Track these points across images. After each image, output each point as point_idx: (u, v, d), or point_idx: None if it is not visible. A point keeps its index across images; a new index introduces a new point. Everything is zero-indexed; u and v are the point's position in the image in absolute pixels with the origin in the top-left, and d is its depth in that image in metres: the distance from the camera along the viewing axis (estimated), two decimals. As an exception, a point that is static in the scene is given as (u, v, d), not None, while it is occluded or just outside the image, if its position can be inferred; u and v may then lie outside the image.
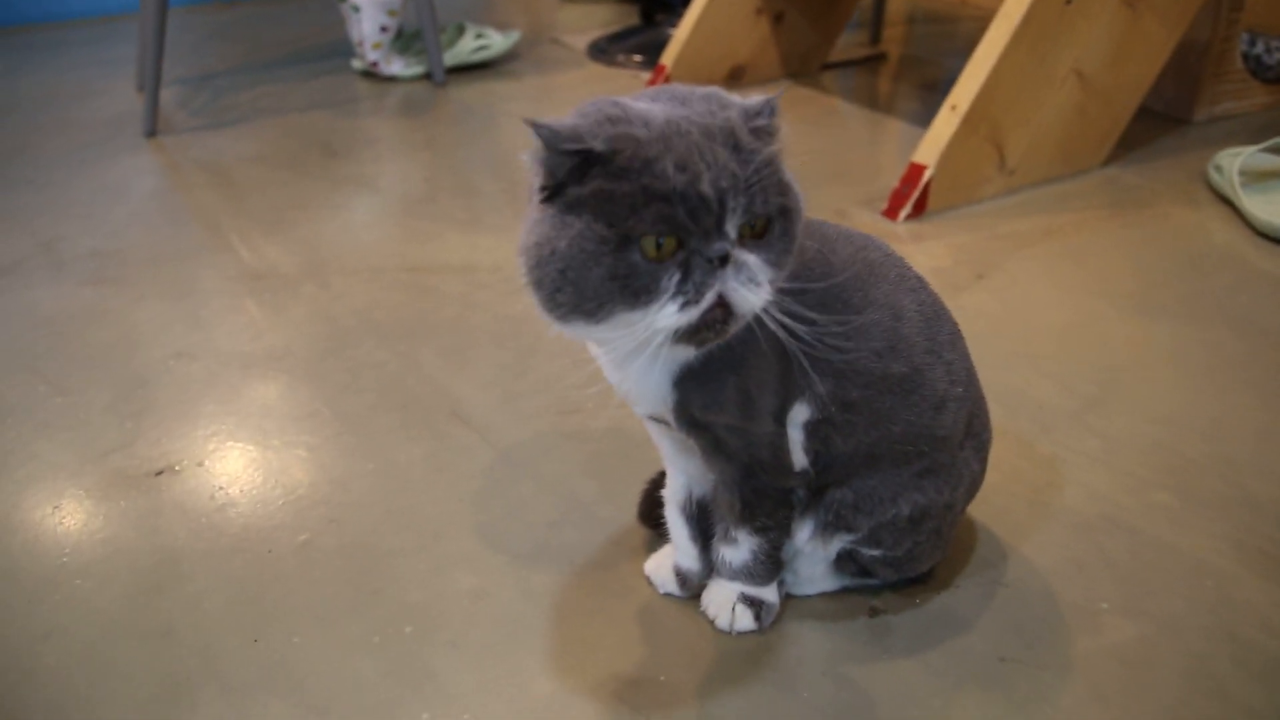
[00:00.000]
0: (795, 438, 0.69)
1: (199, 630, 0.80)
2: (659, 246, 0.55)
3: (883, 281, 0.70)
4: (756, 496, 0.71)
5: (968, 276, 1.32)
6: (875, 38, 2.50)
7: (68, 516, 0.93)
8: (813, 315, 0.63)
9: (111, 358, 1.19)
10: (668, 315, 0.56)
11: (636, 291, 0.56)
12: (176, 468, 0.99)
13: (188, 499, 0.95)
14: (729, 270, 0.56)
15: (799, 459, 0.70)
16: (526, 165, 0.59)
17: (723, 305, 0.57)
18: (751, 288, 0.57)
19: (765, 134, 0.59)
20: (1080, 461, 0.97)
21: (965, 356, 0.74)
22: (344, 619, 0.80)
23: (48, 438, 1.04)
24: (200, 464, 1.00)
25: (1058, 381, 1.09)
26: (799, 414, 0.68)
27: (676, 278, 0.56)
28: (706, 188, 0.55)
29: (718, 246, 0.56)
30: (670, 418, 0.68)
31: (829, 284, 0.66)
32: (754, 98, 0.61)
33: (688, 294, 0.56)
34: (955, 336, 0.74)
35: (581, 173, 0.56)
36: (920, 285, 0.73)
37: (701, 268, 0.56)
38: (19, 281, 1.39)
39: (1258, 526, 0.88)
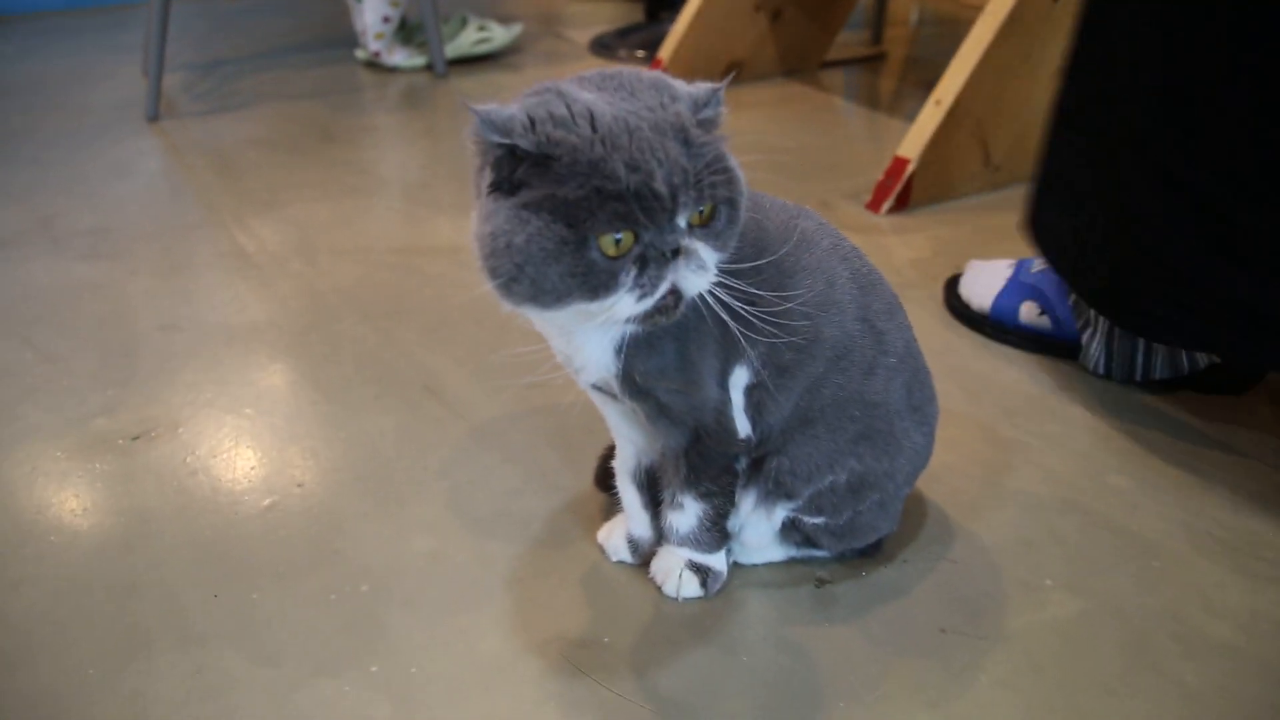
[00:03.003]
0: (737, 402, 0.71)
1: (162, 586, 0.82)
2: (617, 243, 0.57)
3: (815, 248, 0.72)
4: (702, 461, 0.72)
5: (946, 268, 1.32)
6: (877, 37, 2.51)
7: (44, 476, 0.95)
8: (753, 291, 0.65)
9: (100, 329, 1.22)
10: (626, 306, 0.59)
11: (595, 287, 0.58)
12: (153, 433, 1.01)
13: (162, 463, 0.97)
14: (680, 260, 0.59)
15: (743, 425, 0.72)
16: (468, 147, 0.61)
17: (674, 292, 0.60)
18: (700, 273, 0.60)
19: (711, 124, 0.61)
20: (1040, 445, 0.98)
21: (904, 328, 0.76)
22: (303, 577, 0.82)
23: (32, 402, 1.07)
24: (176, 430, 1.02)
25: (1024, 369, 1.10)
26: (740, 378, 0.70)
27: (634, 273, 0.58)
28: (660, 185, 0.56)
29: (671, 240, 0.58)
30: (615, 385, 0.69)
31: (766, 259, 0.68)
32: (700, 85, 0.62)
33: (644, 286, 0.59)
34: (892, 307, 0.75)
35: (518, 166, 0.58)
36: (855, 255, 0.75)
37: (657, 260, 0.58)
38: (15, 254, 1.42)
39: (1209, 511, 0.88)
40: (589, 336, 0.67)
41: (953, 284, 1.23)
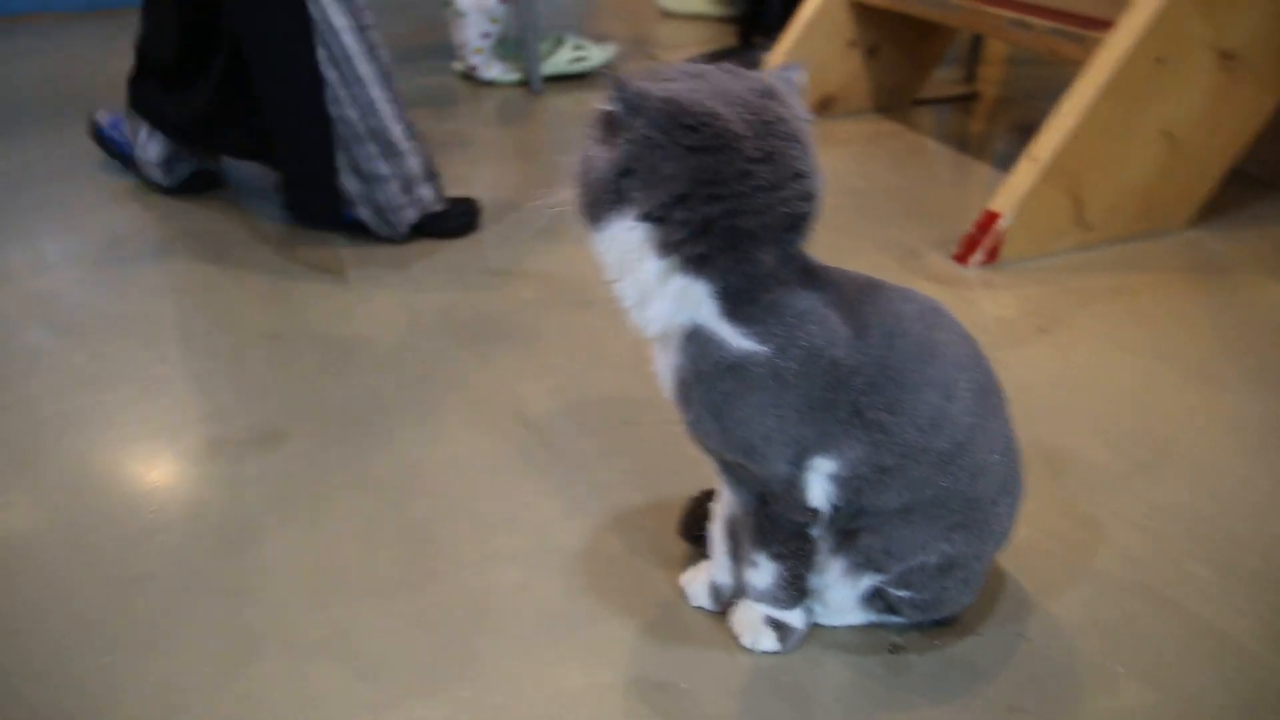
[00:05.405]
0: (816, 483, 0.73)
1: (269, 593, 0.87)
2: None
3: (943, 362, 0.71)
4: (771, 524, 0.75)
5: (1030, 329, 1.33)
6: (970, 76, 2.50)
7: (162, 476, 1.02)
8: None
9: (210, 332, 1.29)
10: None
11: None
12: (261, 440, 1.07)
13: (270, 470, 1.03)
14: None
15: (816, 499, 0.73)
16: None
17: None
18: None
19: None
20: (1121, 526, 0.98)
21: (1007, 421, 0.77)
22: (401, 597, 0.87)
23: (150, 402, 1.14)
24: (284, 439, 1.08)
25: (1109, 443, 1.11)
26: (824, 465, 0.72)
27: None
28: None
29: None
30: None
31: (884, 365, 0.70)
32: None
33: None
34: (1000, 403, 0.76)
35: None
36: (975, 363, 0.74)
37: None
38: (129, 252, 1.50)
39: (1290, 608, 0.89)
40: (658, 352, 0.72)
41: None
